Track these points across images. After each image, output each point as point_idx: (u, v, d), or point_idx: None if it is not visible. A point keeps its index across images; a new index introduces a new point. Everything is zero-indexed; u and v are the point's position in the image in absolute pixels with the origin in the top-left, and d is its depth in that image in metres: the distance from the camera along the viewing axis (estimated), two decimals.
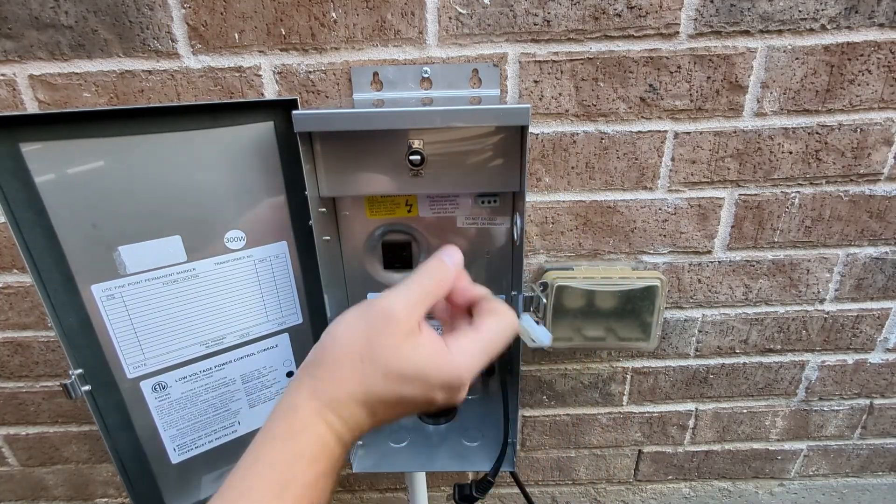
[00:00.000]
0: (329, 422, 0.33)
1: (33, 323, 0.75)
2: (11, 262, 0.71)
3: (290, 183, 0.52)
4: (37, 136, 0.42)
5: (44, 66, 0.59)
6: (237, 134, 0.49)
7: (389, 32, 0.59)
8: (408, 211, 0.58)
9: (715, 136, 0.65)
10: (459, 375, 0.34)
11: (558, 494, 0.96)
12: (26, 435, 0.85)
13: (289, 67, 0.60)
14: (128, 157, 0.45)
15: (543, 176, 0.67)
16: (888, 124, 0.64)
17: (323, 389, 0.34)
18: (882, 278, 0.74)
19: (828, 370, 0.82)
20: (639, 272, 0.70)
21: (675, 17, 0.58)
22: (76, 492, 0.92)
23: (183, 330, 0.52)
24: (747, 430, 0.88)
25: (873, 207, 0.69)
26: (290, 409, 0.34)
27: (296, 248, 0.55)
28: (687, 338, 0.79)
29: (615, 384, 0.83)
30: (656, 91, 0.62)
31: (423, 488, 0.72)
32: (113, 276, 0.47)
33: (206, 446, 0.57)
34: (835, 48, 0.60)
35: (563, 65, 0.61)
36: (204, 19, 0.58)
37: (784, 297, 0.76)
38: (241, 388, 0.57)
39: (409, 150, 0.49)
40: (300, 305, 0.58)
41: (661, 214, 0.69)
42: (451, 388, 0.35)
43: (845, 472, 0.93)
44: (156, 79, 0.60)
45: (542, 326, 0.50)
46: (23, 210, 0.43)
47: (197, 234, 0.50)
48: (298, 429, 0.33)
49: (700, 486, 0.95)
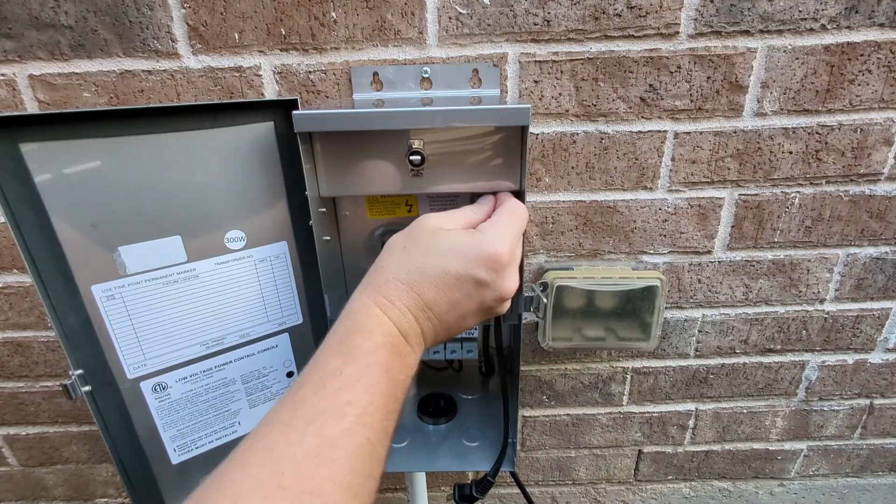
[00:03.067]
0: (377, 301, 0.37)
1: (33, 323, 0.75)
2: (11, 262, 0.71)
3: (290, 183, 0.52)
4: (37, 136, 0.42)
5: (44, 66, 0.59)
6: (237, 134, 0.49)
7: (389, 32, 0.59)
8: (408, 211, 0.57)
9: (715, 136, 0.65)
10: (493, 247, 0.38)
11: (558, 494, 0.96)
12: (26, 435, 0.85)
13: (289, 67, 0.60)
14: (128, 157, 0.45)
15: (543, 176, 0.67)
16: (888, 124, 0.64)
17: (371, 281, 0.38)
18: (882, 278, 0.74)
19: (828, 370, 0.82)
20: (639, 272, 0.70)
21: (675, 17, 0.58)
22: (76, 492, 0.92)
23: (183, 330, 0.52)
24: (747, 430, 0.88)
25: (873, 207, 0.69)
26: (346, 307, 0.38)
27: (296, 248, 0.55)
28: (687, 338, 0.79)
29: (615, 384, 0.83)
30: (656, 91, 0.62)
31: (423, 488, 0.72)
32: (113, 276, 0.47)
33: (207, 447, 0.57)
34: (835, 48, 0.60)
35: (563, 65, 0.61)
36: (204, 19, 0.58)
37: (784, 297, 0.76)
38: (242, 388, 0.57)
39: (409, 150, 0.49)
40: (300, 305, 0.57)
41: (661, 214, 0.69)
42: (488, 262, 0.37)
43: (845, 472, 0.93)
44: (156, 79, 0.60)
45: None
46: (23, 210, 0.42)
47: (197, 234, 0.50)
48: (352, 310, 0.37)
49: (700, 486, 0.95)
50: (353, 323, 0.36)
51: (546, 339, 0.72)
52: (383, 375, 0.34)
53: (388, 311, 0.36)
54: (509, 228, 0.40)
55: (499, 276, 0.38)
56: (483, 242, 0.38)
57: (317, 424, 0.30)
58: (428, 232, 0.39)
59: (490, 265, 0.38)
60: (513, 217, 0.41)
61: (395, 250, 0.39)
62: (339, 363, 0.33)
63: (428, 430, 0.66)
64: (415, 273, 0.37)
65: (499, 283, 0.39)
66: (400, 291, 0.37)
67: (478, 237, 0.39)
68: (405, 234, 0.40)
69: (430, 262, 0.37)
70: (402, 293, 0.37)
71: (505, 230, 0.40)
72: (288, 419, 0.31)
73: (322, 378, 0.33)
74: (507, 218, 0.41)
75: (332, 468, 0.29)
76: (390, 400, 0.34)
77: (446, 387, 0.72)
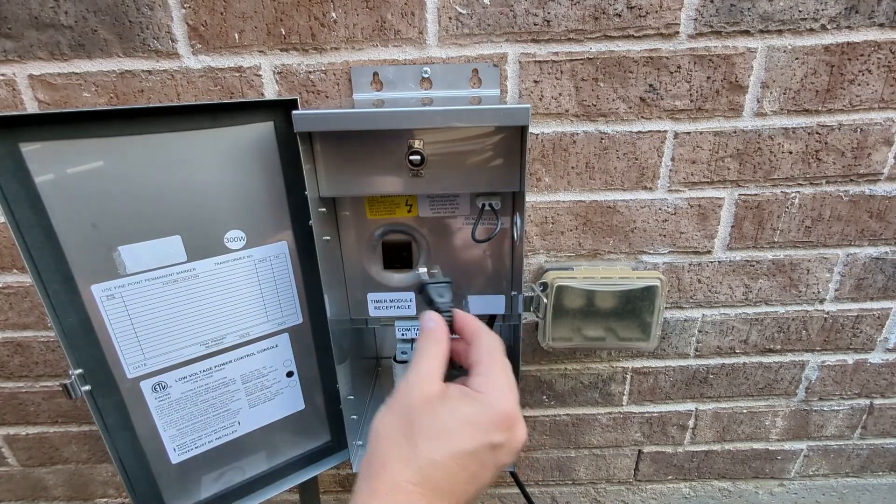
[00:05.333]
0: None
1: (33, 323, 0.75)
2: (11, 262, 0.71)
3: (290, 183, 0.52)
4: (37, 136, 0.42)
5: (44, 66, 0.59)
6: (237, 134, 0.49)
7: (389, 32, 0.59)
8: (408, 211, 0.57)
9: (715, 136, 0.65)
10: (503, 408, 0.34)
11: (558, 494, 0.96)
12: (26, 435, 0.85)
13: (289, 67, 0.60)
14: (128, 157, 0.45)
15: (543, 176, 0.67)
16: (888, 124, 0.64)
17: (375, 489, 0.32)
18: (882, 278, 0.74)
19: (828, 370, 0.82)
20: (639, 272, 0.70)
21: (675, 17, 0.58)
22: (76, 492, 0.92)
23: (183, 330, 0.52)
24: (747, 430, 0.88)
25: (873, 207, 0.69)
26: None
27: (296, 248, 0.55)
28: (687, 338, 0.79)
29: (615, 384, 0.83)
30: (656, 91, 0.62)
31: None
32: (113, 276, 0.47)
33: (206, 446, 0.57)
34: (835, 48, 0.60)
35: (563, 65, 0.61)
36: (204, 19, 0.58)
37: (784, 297, 0.76)
38: (241, 388, 0.57)
39: (409, 151, 0.49)
40: (300, 305, 0.57)
41: (661, 214, 0.69)
42: (501, 423, 0.34)
43: (845, 472, 0.93)
44: (156, 79, 0.60)
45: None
46: (23, 210, 0.42)
47: (197, 234, 0.50)
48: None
49: (700, 486, 0.95)
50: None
51: (546, 339, 0.72)
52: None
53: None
54: (504, 375, 0.36)
55: (513, 431, 0.34)
56: (492, 408, 0.34)
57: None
58: (423, 408, 0.34)
59: (504, 427, 0.34)
60: (499, 356, 0.37)
61: (392, 440, 0.33)
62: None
63: None
64: (427, 467, 0.32)
65: (513, 439, 0.34)
66: (412, 496, 0.31)
67: (483, 401, 0.34)
68: (398, 418, 0.34)
69: (441, 448, 0.32)
70: (417, 498, 0.31)
71: (503, 380, 0.36)
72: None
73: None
74: (499, 363, 0.37)
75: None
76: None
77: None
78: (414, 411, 0.34)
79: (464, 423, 0.33)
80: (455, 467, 0.32)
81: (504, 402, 0.34)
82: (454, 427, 0.33)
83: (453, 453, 0.32)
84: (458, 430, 0.33)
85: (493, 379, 0.36)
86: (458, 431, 0.33)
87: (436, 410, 0.34)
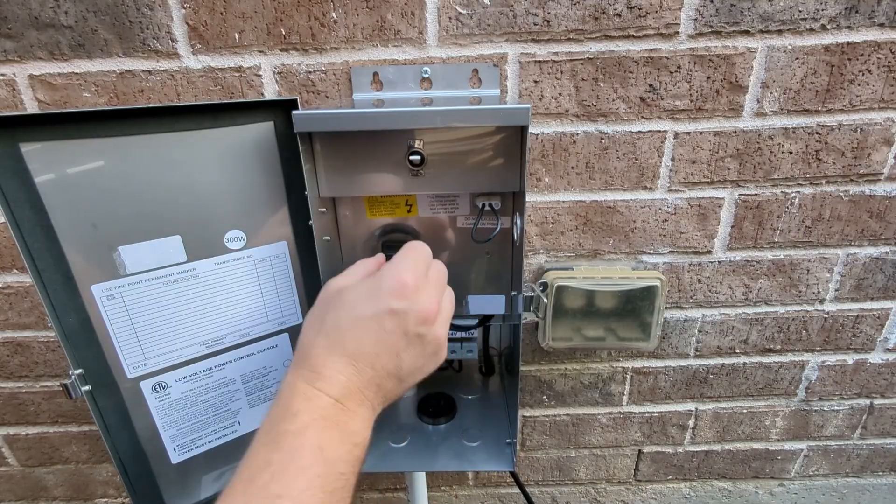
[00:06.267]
0: (303, 377, 0.36)
1: (33, 323, 0.75)
2: (11, 262, 0.71)
3: (290, 183, 0.52)
4: (37, 136, 0.42)
5: (44, 66, 0.59)
6: (237, 134, 0.49)
7: (389, 32, 0.59)
8: (408, 211, 0.57)
9: (715, 136, 0.65)
10: (395, 276, 0.38)
11: (558, 494, 0.96)
12: (26, 435, 0.85)
13: (289, 67, 0.60)
14: (128, 157, 0.45)
15: (543, 176, 0.67)
16: (888, 124, 0.64)
17: (295, 360, 0.38)
18: (882, 278, 0.74)
19: (828, 370, 0.82)
20: (639, 272, 0.70)
21: (675, 17, 0.58)
22: (76, 492, 0.92)
23: (183, 330, 0.52)
24: (747, 430, 0.88)
25: (873, 207, 0.69)
26: (277, 392, 0.39)
27: (296, 248, 0.55)
28: (687, 338, 0.79)
29: (615, 384, 0.83)
30: (656, 91, 0.62)
31: (423, 488, 0.72)
32: (113, 276, 0.47)
33: (206, 446, 0.57)
34: (835, 48, 0.60)
35: (563, 65, 0.61)
36: (204, 19, 0.58)
37: (784, 297, 0.76)
38: (241, 388, 0.57)
39: (409, 151, 0.49)
40: (300, 305, 0.57)
41: (661, 214, 0.69)
42: (396, 291, 0.38)
43: (845, 472, 0.93)
44: (156, 79, 0.60)
45: None
46: (23, 210, 0.42)
47: (197, 234, 0.50)
48: (280, 394, 0.37)
49: (700, 486, 0.95)
50: (280, 408, 0.35)
51: (546, 339, 0.72)
52: (317, 455, 0.33)
53: (315, 383, 0.36)
54: (407, 259, 0.40)
55: (412, 300, 0.38)
56: (385, 277, 0.39)
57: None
58: (333, 293, 0.40)
59: (399, 293, 0.38)
60: (408, 251, 0.42)
61: (308, 323, 0.40)
62: (267, 454, 0.33)
63: (428, 430, 0.66)
64: (331, 332, 0.37)
65: (415, 307, 0.38)
66: (323, 358, 0.36)
67: (378, 275, 0.40)
68: (314, 306, 0.41)
69: (343, 315, 0.38)
70: (326, 358, 0.36)
71: (403, 262, 0.40)
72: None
73: (251, 475, 0.32)
74: (403, 253, 0.42)
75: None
76: (331, 478, 0.33)
77: (446, 387, 0.73)
78: (326, 298, 0.41)
79: (362, 295, 0.39)
80: (357, 330, 0.37)
81: (398, 273, 0.39)
82: (355, 299, 0.39)
83: (354, 318, 0.37)
84: (358, 301, 0.38)
85: (394, 262, 0.40)
86: (358, 301, 0.38)
87: (341, 293, 0.40)
